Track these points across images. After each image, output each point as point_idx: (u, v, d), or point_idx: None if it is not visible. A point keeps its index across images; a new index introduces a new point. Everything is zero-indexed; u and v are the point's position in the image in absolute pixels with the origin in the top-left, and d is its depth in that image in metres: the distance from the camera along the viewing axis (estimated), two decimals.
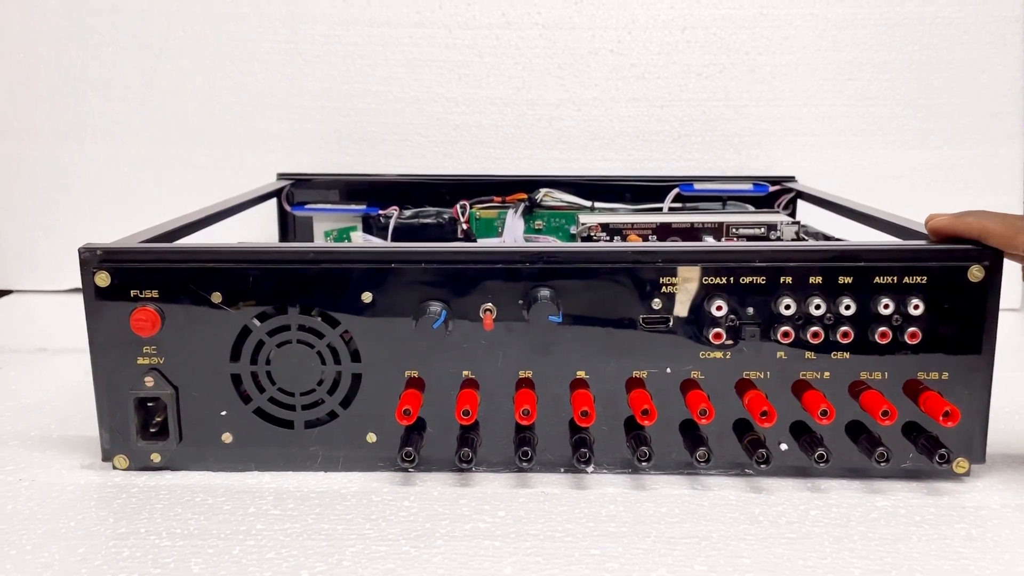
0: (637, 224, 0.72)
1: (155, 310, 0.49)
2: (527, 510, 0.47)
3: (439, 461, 0.51)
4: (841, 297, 0.49)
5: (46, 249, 0.95)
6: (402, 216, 0.81)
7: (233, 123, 0.92)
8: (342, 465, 0.51)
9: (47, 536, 0.44)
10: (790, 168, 0.90)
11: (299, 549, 0.43)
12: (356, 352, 0.50)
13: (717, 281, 0.49)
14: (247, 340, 0.50)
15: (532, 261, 0.49)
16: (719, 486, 0.50)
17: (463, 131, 0.92)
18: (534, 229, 0.81)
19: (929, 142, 0.91)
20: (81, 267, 0.49)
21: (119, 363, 0.50)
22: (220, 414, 0.51)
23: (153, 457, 0.51)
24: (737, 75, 0.90)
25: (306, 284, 0.49)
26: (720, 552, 0.42)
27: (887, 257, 0.49)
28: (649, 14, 0.90)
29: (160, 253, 0.50)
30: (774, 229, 0.71)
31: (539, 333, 0.50)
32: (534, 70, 0.91)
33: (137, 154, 0.93)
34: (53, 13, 0.91)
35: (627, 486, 0.50)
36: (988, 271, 0.48)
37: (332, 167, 0.92)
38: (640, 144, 0.92)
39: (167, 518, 0.46)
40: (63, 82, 0.92)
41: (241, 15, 0.91)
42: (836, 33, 0.90)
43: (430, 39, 0.91)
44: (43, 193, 0.95)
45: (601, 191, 0.83)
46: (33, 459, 0.53)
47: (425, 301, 0.49)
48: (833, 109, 0.91)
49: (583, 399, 0.49)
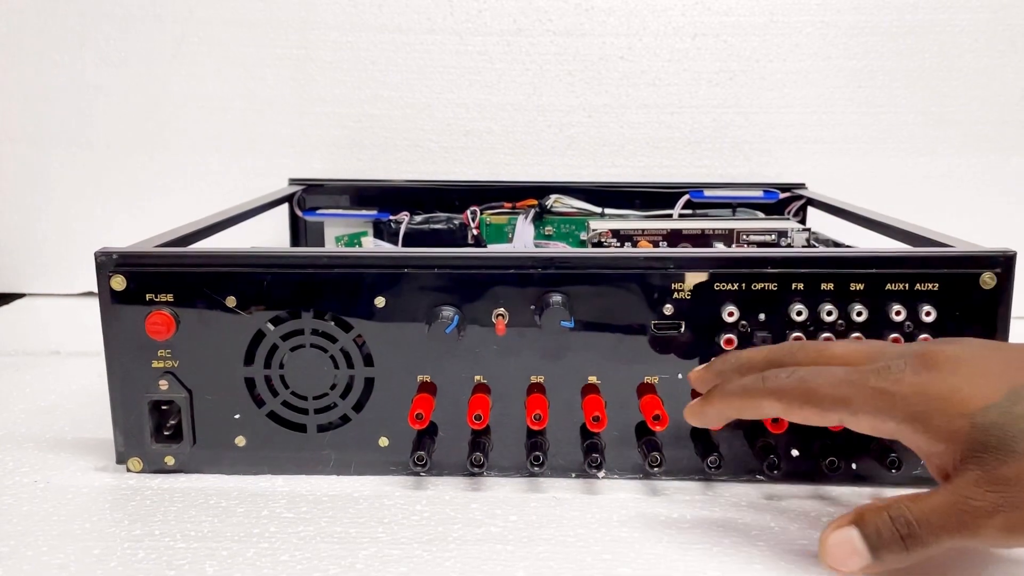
0: (648, 230, 0.72)
1: (170, 314, 0.49)
2: (539, 515, 0.47)
3: (451, 465, 0.51)
4: (853, 303, 0.49)
5: (59, 253, 0.96)
6: (413, 221, 0.82)
7: (245, 129, 0.93)
8: (354, 469, 0.51)
9: (62, 537, 0.44)
10: (800, 175, 0.90)
11: (312, 552, 0.43)
12: (369, 356, 0.50)
13: (729, 287, 0.49)
14: (261, 344, 0.50)
15: (544, 267, 0.49)
16: (731, 492, 0.50)
17: (474, 137, 0.92)
18: (544, 235, 0.81)
19: (940, 150, 0.91)
20: (97, 271, 0.49)
21: (134, 366, 0.50)
22: (234, 417, 0.51)
23: (167, 460, 0.51)
24: (747, 82, 0.91)
25: (320, 289, 0.49)
26: (732, 558, 0.43)
27: (899, 263, 0.49)
28: (660, 21, 0.90)
29: (175, 257, 0.50)
30: (784, 236, 0.71)
31: (551, 338, 0.50)
32: (545, 76, 0.91)
33: (149, 159, 0.94)
34: (67, 20, 0.92)
35: (638, 491, 0.50)
36: (1000, 278, 0.48)
37: (343, 172, 0.92)
38: (650, 151, 0.92)
39: (181, 520, 0.46)
40: (76, 88, 0.93)
41: (253, 22, 0.91)
42: (847, 41, 0.90)
43: (441, 45, 0.91)
44: (56, 198, 0.95)
45: (611, 197, 0.83)
46: (48, 461, 0.53)
47: (438, 306, 0.49)
48: (843, 116, 0.91)
49: (594, 404, 0.49)
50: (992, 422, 0.37)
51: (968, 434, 0.37)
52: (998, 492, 0.36)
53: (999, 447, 0.36)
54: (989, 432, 0.36)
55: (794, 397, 0.41)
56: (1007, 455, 0.36)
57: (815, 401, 0.40)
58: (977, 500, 0.36)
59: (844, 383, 0.40)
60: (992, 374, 0.38)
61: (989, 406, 0.37)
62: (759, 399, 0.42)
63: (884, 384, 0.39)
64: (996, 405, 0.37)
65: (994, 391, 0.37)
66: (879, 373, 0.39)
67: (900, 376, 0.39)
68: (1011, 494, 0.35)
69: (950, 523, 0.36)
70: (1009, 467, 0.36)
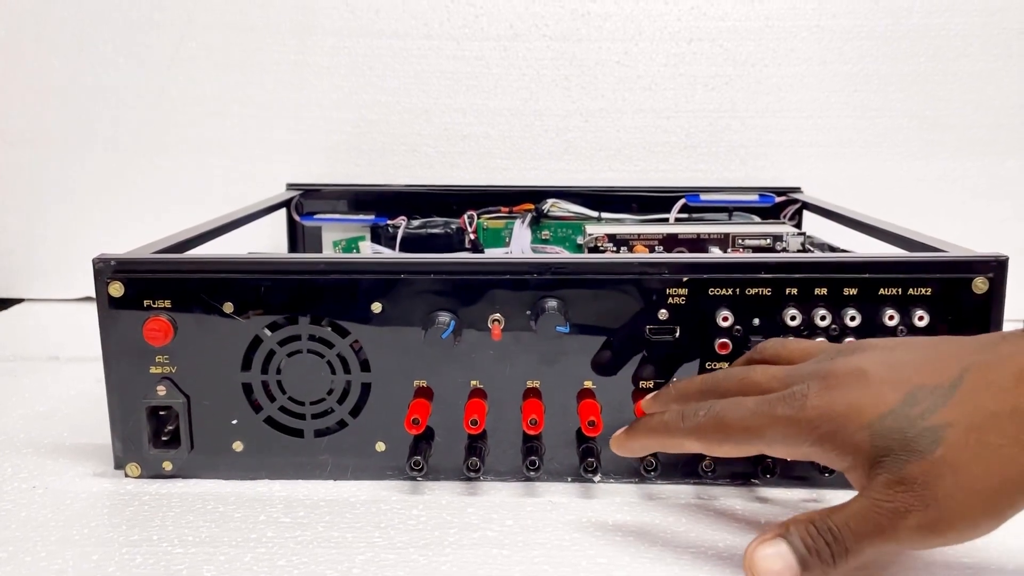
0: (644, 235, 0.72)
1: (168, 320, 0.49)
2: (535, 519, 0.47)
3: (447, 470, 0.51)
4: (846, 308, 0.49)
5: (57, 258, 0.96)
6: (410, 226, 0.82)
7: (243, 134, 0.93)
8: (351, 474, 0.52)
9: (61, 543, 0.44)
10: (796, 179, 0.90)
11: (310, 556, 0.43)
12: (366, 362, 0.51)
13: (723, 292, 0.49)
14: (258, 350, 0.50)
15: (540, 272, 0.49)
16: (725, 495, 0.50)
17: (471, 142, 0.92)
18: (541, 239, 0.82)
19: (935, 154, 0.91)
20: (95, 277, 0.49)
21: (132, 372, 0.50)
22: (231, 423, 0.51)
23: (165, 465, 0.51)
24: (743, 87, 0.91)
25: (317, 294, 0.50)
26: (726, 561, 0.43)
27: (892, 268, 0.49)
28: (656, 26, 0.91)
29: (173, 263, 0.50)
30: (780, 240, 0.71)
31: (547, 343, 0.50)
32: (542, 81, 0.91)
33: (147, 164, 0.94)
34: (65, 23, 0.92)
35: (634, 495, 0.50)
36: (993, 283, 0.49)
37: (341, 177, 0.92)
38: (646, 155, 0.92)
39: (179, 525, 0.46)
40: (75, 92, 0.93)
41: (251, 26, 0.91)
42: (842, 45, 0.90)
43: (438, 51, 0.91)
44: (54, 202, 0.95)
45: (608, 202, 0.83)
46: (46, 467, 0.54)
47: (434, 311, 0.50)
48: (839, 120, 0.91)
49: (590, 409, 0.49)
50: (889, 428, 0.37)
51: (870, 443, 0.37)
52: (908, 492, 0.36)
53: (901, 449, 0.37)
54: (889, 437, 0.37)
55: (710, 434, 0.42)
56: (909, 455, 0.36)
57: (729, 436, 0.41)
58: (888, 502, 0.36)
59: (755, 414, 0.40)
60: (892, 380, 0.39)
61: (886, 413, 0.38)
62: (679, 438, 0.43)
63: (790, 412, 0.40)
64: (893, 411, 0.37)
65: (892, 397, 0.38)
66: (785, 400, 0.40)
67: (803, 402, 0.39)
68: (920, 493, 0.36)
69: (868, 528, 0.37)
70: (913, 466, 0.36)
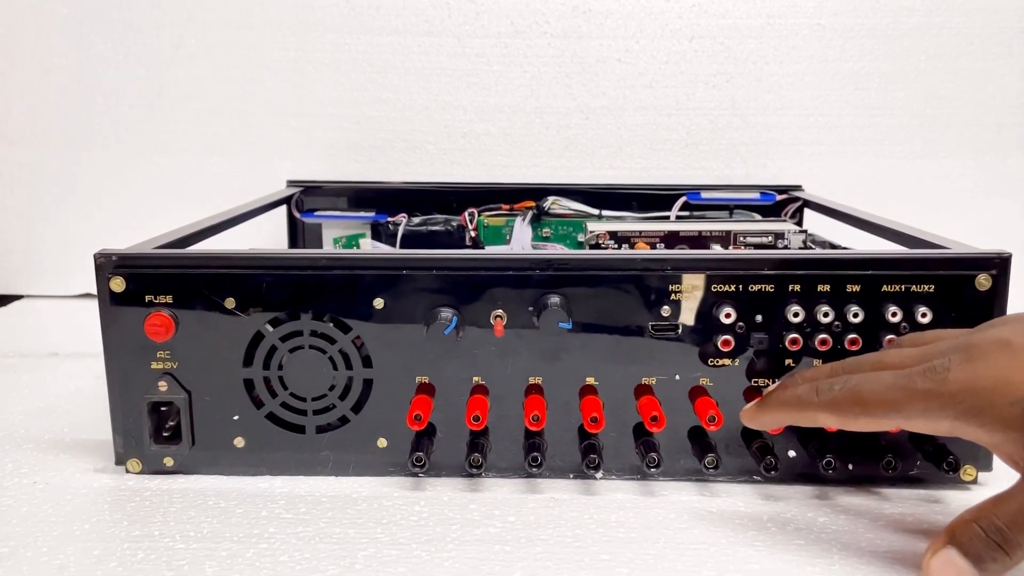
0: (645, 232, 0.72)
1: (169, 315, 0.49)
2: (537, 515, 0.47)
3: (449, 466, 0.51)
4: (849, 305, 0.49)
5: (57, 254, 0.96)
6: (411, 223, 0.82)
7: (243, 131, 0.93)
8: (353, 470, 0.52)
9: (62, 538, 0.44)
10: (797, 177, 0.90)
11: (311, 552, 0.43)
12: (367, 358, 0.50)
13: (726, 289, 0.49)
14: (260, 345, 0.50)
15: (542, 268, 0.49)
16: (728, 492, 0.50)
17: (472, 139, 0.92)
18: (542, 237, 0.82)
19: (936, 152, 0.91)
20: (96, 272, 0.49)
21: (133, 368, 0.50)
22: (232, 419, 0.51)
23: (166, 461, 0.51)
24: (744, 84, 0.91)
25: (319, 290, 0.50)
26: (729, 558, 0.43)
27: (895, 265, 0.49)
28: (657, 24, 0.90)
29: (175, 259, 0.50)
30: (781, 237, 0.71)
31: (549, 340, 0.50)
32: (543, 79, 0.91)
33: (147, 161, 0.94)
34: (65, 22, 0.92)
35: (636, 492, 0.50)
36: (995, 279, 0.49)
37: (341, 174, 0.92)
38: (648, 153, 0.92)
39: (180, 521, 0.46)
40: (74, 90, 0.93)
41: (251, 24, 0.91)
42: (843, 43, 0.90)
43: (439, 48, 0.91)
44: (54, 199, 0.95)
45: (609, 199, 0.83)
46: (47, 463, 0.54)
47: (436, 307, 0.49)
48: (840, 119, 0.91)
49: (592, 405, 0.49)
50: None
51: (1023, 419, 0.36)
52: None
53: None
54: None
55: (846, 407, 0.41)
56: None
57: (866, 409, 0.40)
58: None
59: (893, 388, 0.40)
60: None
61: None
62: (813, 411, 0.42)
63: (931, 385, 0.38)
64: None
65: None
66: (925, 374, 0.39)
67: (944, 375, 0.38)
68: None
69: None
70: None
